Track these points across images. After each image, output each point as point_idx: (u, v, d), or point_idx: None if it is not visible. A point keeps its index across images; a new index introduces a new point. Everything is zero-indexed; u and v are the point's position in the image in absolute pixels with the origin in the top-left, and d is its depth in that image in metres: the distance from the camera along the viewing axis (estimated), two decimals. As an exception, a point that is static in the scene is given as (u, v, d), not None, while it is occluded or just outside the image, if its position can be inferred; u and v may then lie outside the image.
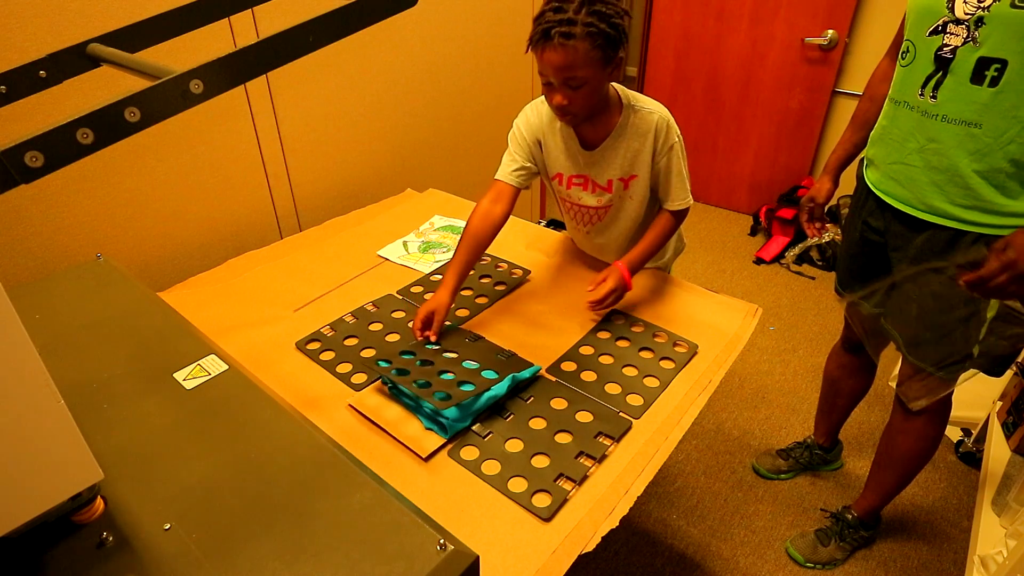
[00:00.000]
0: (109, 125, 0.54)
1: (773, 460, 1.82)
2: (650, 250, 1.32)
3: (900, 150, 1.16)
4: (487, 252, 1.45)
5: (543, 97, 1.22)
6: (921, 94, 1.06)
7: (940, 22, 1.01)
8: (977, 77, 0.98)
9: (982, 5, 0.94)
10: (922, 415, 1.35)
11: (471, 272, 1.39)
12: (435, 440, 0.97)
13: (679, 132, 1.25)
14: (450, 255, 1.48)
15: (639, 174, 1.27)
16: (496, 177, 1.30)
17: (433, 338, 1.17)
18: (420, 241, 1.56)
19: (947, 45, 1.00)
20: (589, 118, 1.20)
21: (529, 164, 1.30)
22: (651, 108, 1.23)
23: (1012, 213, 1.06)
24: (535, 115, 1.30)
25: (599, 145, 1.25)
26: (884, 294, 1.31)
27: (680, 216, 1.32)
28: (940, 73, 1.02)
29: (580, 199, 1.34)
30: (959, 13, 0.98)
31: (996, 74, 0.95)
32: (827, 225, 1.09)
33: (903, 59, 1.13)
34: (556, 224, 2.65)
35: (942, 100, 1.04)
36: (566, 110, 1.13)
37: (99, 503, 0.64)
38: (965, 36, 0.97)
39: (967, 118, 1.01)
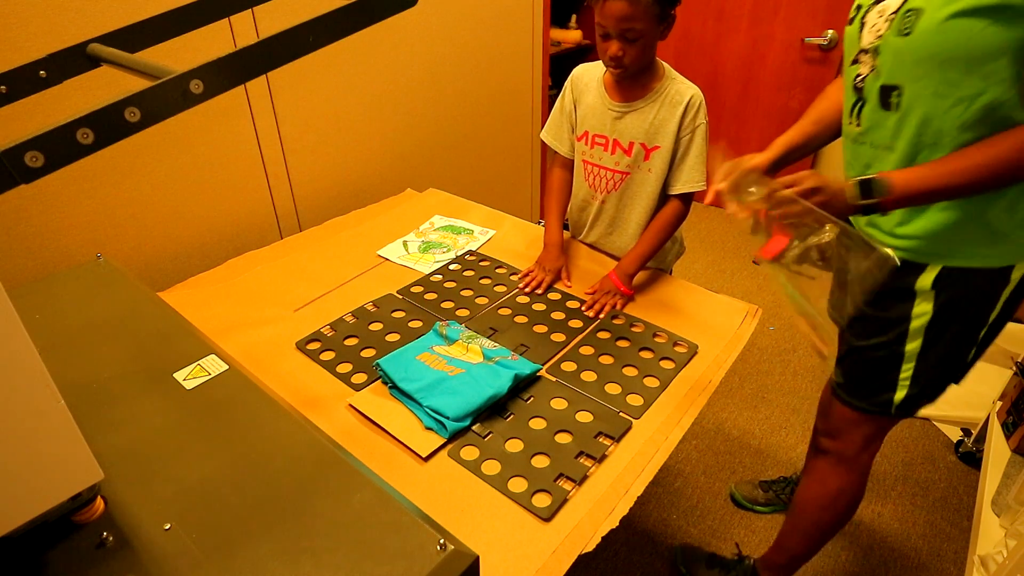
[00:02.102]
0: (109, 125, 0.54)
1: (752, 489, 1.74)
2: (648, 250, 1.34)
3: (847, 178, 1.09)
4: (487, 254, 1.52)
5: (583, 65, 1.39)
6: (849, 121, 1.05)
7: (856, 52, 1.01)
8: (884, 104, 0.97)
9: (879, 34, 0.94)
10: (828, 457, 1.21)
11: (471, 273, 1.43)
12: (435, 440, 0.97)
13: (707, 118, 1.30)
14: (450, 255, 1.49)
15: (662, 145, 1.31)
16: (557, 152, 1.47)
17: (540, 292, 1.35)
18: (420, 241, 1.56)
19: (860, 75, 1.00)
20: (637, 74, 1.27)
21: (571, 133, 1.43)
22: (689, 84, 1.30)
23: (915, 236, 0.99)
24: (579, 75, 1.40)
25: (633, 102, 1.31)
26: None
27: (686, 202, 1.34)
28: (860, 101, 1.01)
29: (600, 159, 1.38)
30: (864, 43, 0.98)
31: (897, 100, 0.94)
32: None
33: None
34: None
35: (864, 127, 1.02)
36: (620, 62, 1.20)
37: (99, 503, 0.64)
38: (871, 66, 0.97)
39: (884, 142, 0.99)
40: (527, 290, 1.36)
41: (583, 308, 1.30)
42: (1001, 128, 0.86)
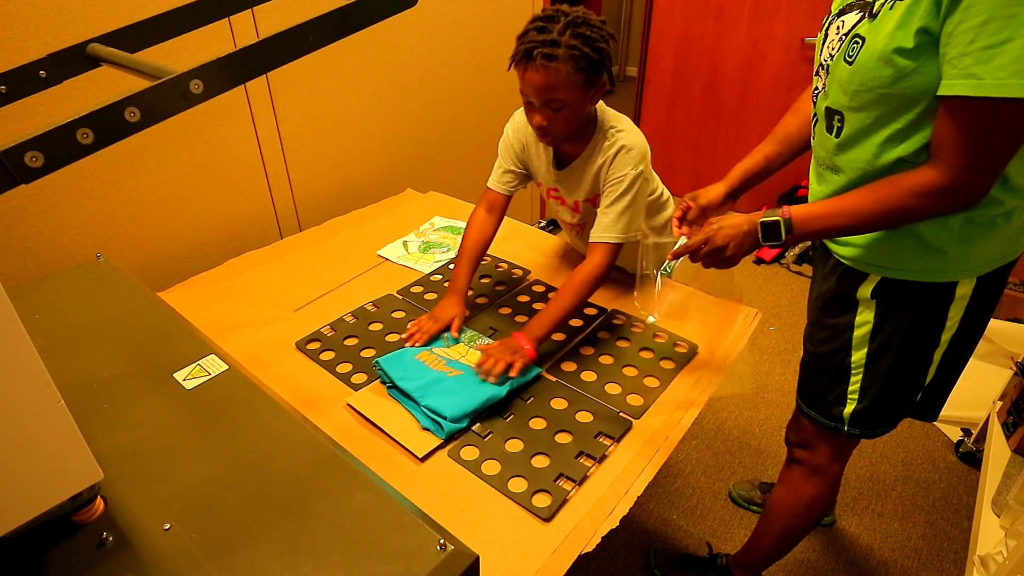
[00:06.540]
0: (109, 125, 0.54)
1: (751, 490, 1.74)
2: (559, 313, 1.16)
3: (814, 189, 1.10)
4: (488, 252, 1.47)
5: (523, 112, 1.23)
6: (811, 133, 1.03)
7: (816, 64, 0.97)
8: (828, 126, 0.94)
9: (831, 53, 0.91)
10: (801, 466, 1.21)
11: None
12: (432, 440, 0.97)
13: (643, 167, 1.17)
14: (450, 255, 1.49)
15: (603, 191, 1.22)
16: (488, 185, 1.32)
17: (420, 344, 1.17)
18: (420, 241, 1.56)
19: (816, 89, 0.97)
20: (568, 140, 1.18)
21: (518, 169, 1.31)
22: (623, 133, 1.17)
23: (855, 244, 0.99)
24: (522, 121, 1.28)
25: (570, 165, 1.23)
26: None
27: (607, 253, 1.18)
28: (815, 117, 0.99)
29: (558, 212, 1.36)
30: (821, 57, 0.95)
31: (839, 124, 0.91)
32: None
33: None
34: (556, 224, 2.64)
35: (815, 143, 1.01)
36: (546, 131, 1.11)
37: (99, 503, 0.64)
38: (823, 82, 0.94)
39: (830, 163, 0.97)
40: (408, 343, 1.17)
41: (474, 367, 1.09)
42: None
